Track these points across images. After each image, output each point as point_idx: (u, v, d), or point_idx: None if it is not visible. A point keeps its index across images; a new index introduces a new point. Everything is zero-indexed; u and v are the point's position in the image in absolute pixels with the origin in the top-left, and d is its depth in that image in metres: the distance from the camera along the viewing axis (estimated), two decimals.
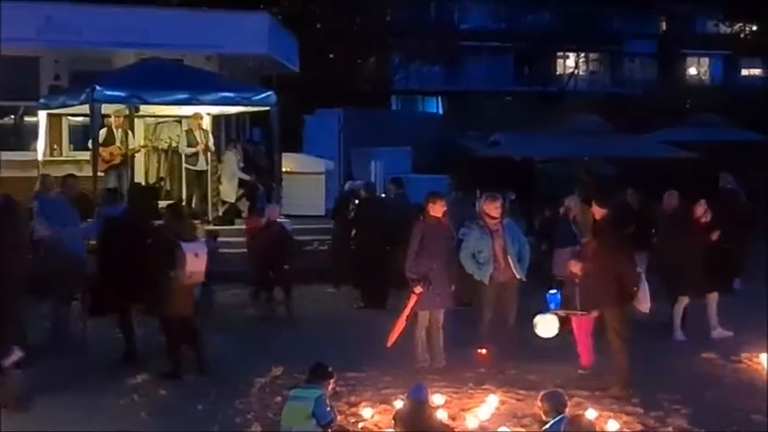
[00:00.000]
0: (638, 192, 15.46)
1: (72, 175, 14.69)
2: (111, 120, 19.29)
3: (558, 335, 11.92)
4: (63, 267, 12.74)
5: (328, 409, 8.84)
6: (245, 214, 20.67)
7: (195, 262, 11.40)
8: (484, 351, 12.24)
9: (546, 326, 11.78)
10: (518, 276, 12.19)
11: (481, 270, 12.13)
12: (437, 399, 10.05)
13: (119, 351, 12.36)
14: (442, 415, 9.48)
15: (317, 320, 15.31)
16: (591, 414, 9.75)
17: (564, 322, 11.92)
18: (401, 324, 12.03)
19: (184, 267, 11.29)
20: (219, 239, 17.90)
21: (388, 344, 11.98)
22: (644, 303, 11.32)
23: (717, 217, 15.87)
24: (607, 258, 11.12)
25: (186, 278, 11.36)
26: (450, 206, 13.03)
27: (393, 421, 9.16)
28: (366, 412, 9.86)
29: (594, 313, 11.52)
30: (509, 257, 12.13)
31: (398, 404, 9.73)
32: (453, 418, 9.80)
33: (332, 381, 9.26)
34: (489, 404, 10.20)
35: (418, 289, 11.88)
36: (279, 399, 10.17)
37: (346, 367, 11.10)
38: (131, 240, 12.26)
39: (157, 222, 13.39)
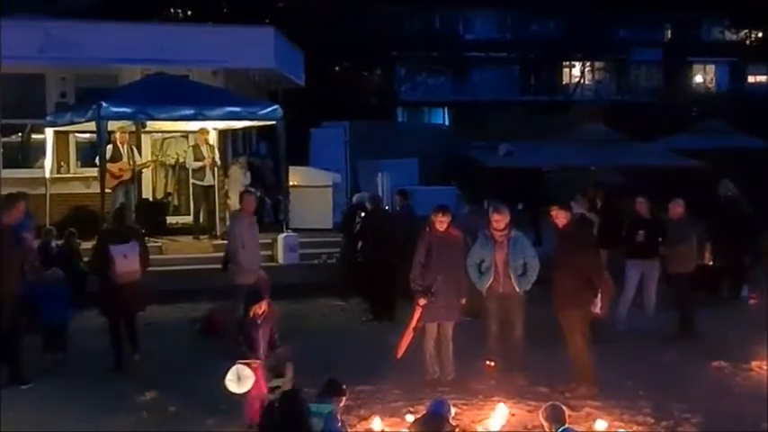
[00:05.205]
0: (648, 200, 15.41)
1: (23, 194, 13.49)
2: (117, 136, 19.35)
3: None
4: None
5: (339, 424, 8.80)
6: None
7: (124, 262, 12.41)
8: (492, 363, 12.21)
9: (240, 380, 9.71)
10: (517, 290, 12.12)
11: (481, 279, 12.11)
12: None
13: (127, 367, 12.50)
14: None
15: (326, 333, 15.27)
16: (601, 425, 9.75)
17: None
18: (409, 336, 11.95)
19: (114, 268, 12.33)
20: None
21: (398, 356, 11.95)
22: (597, 305, 11.49)
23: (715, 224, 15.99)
24: (574, 263, 11.28)
25: (118, 278, 12.39)
26: (463, 219, 12.94)
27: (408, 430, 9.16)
28: (376, 425, 9.81)
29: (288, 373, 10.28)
30: (509, 270, 12.07)
31: (409, 417, 9.74)
32: (464, 430, 9.78)
33: (344, 398, 9.24)
34: (499, 415, 10.16)
35: (422, 301, 11.80)
36: None
37: (356, 380, 11.04)
38: None
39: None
